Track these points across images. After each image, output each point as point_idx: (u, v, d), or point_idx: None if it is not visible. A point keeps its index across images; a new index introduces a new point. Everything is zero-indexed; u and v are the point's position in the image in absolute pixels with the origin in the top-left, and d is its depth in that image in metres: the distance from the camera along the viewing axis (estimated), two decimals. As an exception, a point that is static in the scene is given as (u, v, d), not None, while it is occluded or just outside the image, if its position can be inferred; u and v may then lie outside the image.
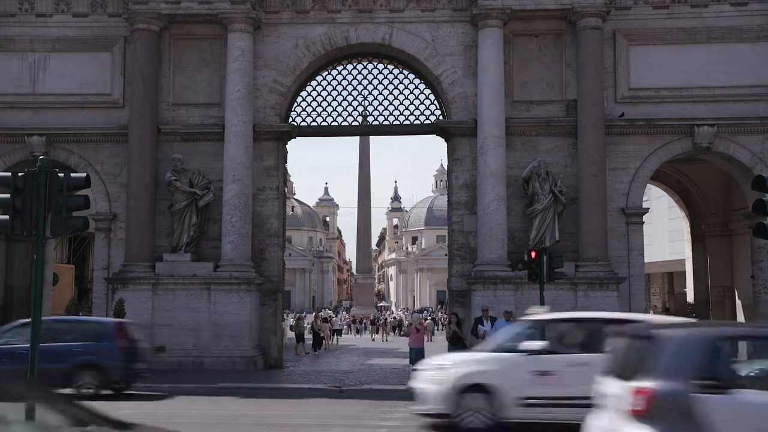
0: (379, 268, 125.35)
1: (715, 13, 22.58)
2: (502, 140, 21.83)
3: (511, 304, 20.20)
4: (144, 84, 22.18)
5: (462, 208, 22.69)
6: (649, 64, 22.44)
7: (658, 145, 22.43)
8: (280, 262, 23.42)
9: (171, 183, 21.95)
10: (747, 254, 23.91)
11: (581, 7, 21.85)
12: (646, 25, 22.69)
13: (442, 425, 12.03)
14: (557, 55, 22.68)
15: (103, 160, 22.96)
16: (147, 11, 22.27)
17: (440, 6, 22.90)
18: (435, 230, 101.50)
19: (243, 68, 22.28)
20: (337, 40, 23.14)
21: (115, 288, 21.50)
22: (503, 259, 21.43)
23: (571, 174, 22.05)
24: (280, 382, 20.02)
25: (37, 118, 22.98)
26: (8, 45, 23.16)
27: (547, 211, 21.45)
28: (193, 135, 22.78)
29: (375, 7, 22.99)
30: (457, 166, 22.90)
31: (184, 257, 21.79)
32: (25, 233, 10.53)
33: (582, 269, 21.14)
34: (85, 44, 23.15)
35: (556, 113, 22.51)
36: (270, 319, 22.72)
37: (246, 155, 22.15)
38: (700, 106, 22.40)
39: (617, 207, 22.22)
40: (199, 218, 22.15)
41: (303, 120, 24.31)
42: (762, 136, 22.22)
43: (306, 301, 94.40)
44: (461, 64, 22.81)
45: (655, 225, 32.42)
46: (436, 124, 23.73)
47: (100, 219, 22.64)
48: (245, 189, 22.05)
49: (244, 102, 22.20)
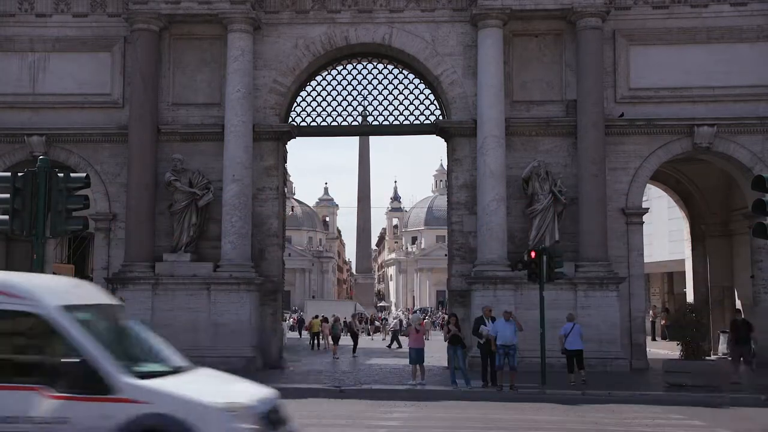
0: (379, 268, 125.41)
1: (715, 13, 22.58)
2: (501, 140, 21.83)
3: (510, 304, 20.21)
4: (144, 84, 22.18)
5: (462, 208, 22.69)
6: (649, 64, 22.44)
7: (658, 145, 22.43)
8: (280, 262, 23.42)
9: (171, 183, 21.95)
10: (747, 254, 23.90)
11: (581, 7, 21.85)
12: (646, 25, 22.69)
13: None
14: (557, 55, 22.68)
15: (102, 160, 22.96)
16: (147, 11, 22.27)
17: (440, 6, 22.90)
18: (435, 230, 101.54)
19: (243, 68, 22.27)
20: (336, 40, 23.14)
21: (114, 288, 21.48)
22: (503, 259, 21.42)
23: (571, 174, 22.05)
24: (279, 382, 19.98)
25: (37, 118, 22.98)
26: (8, 45, 23.17)
27: (547, 211, 21.45)
28: (193, 135, 22.78)
29: (375, 7, 22.99)
30: (457, 166, 22.89)
31: (184, 257, 21.79)
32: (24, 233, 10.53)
33: (582, 269, 21.14)
34: (85, 44, 23.16)
35: (556, 113, 22.51)
36: (270, 319, 22.72)
37: (246, 155, 22.15)
38: (700, 106, 22.40)
39: (617, 207, 22.22)
40: (199, 218, 22.15)
41: (303, 120, 24.32)
42: (762, 136, 22.22)
43: (306, 301, 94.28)
44: (461, 64, 22.81)
45: (654, 225, 32.40)
46: (435, 124, 23.74)
47: (99, 219, 22.64)
48: (245, 189, 22.05)
49: (244, 102, 22.20)
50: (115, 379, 7.10)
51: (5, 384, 7.20)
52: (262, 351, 22.01)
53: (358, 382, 19.42)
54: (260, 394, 7.77)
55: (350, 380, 20.08)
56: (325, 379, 20.42)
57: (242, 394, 7.58)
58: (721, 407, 15.55)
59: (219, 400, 7.20)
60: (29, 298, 7.49)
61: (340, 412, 14.61)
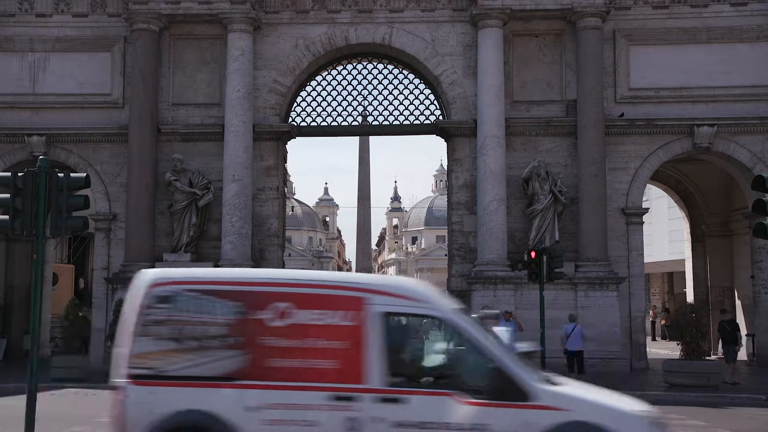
0: (379, 268, 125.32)
1: (715, 13, 22.58)
2: (502, 140, 21.83)
3: (510, 304, 20.22)
4: (144, 84, 22.18)
5: (462, 208, 22.69)
6: (649, 64, 22.44)
7: (658, 145, 22.42)
8: (280, 262, 23.42)
9: (171, 183, 21.95)
10: (747, 254, 23.90)
11: (581, 7, 21.85)
12: (646, 25, 22.69)
13: None
14: (557, 55, 22.68)
15: (102, 160, 22.96)
16: (147, 11, 22.26)
17: (440, 6, 22.90)
18: (435, 230, 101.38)
19: (243, 68, 22.27)
20: (336, 40, 23.14)
21: (114, 288, 21.48)
22: (503, 259, 21.42)
23: (571, 174, 22.05)
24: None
25: (37, 118, 22.97)
26: (8, 45, 23.16)
27: (547, 211, 21.45)
28: (193, 135, 22.77)
29: (375, 7, 22.99)
30: (457, 166, 22.89)
31: (184, 257, 21.79)
32: (25, 233, 10.51)
33: (582, 269, 21.14)
34: (85, 44, 23.15)
35: (556, 113, 22.51)
36: (270, 319, 22.68)
37: (246, 155, 22.14)
38: (700, 106, 22.40)
39: (617, 207, 22.21)
40: (199, 218, 22.15)
41: (303, 120, 24.32)
42: (762, 136, 22.22)
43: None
44: (461, 64, 22.81)
45: (655, 225, 32.40)
46: (435, 124, 23.73)
47: (99, 219, 22.64)
48: (245, 189, 22.04)
49: (244, 102, 22.20)
50: (531, 385, 6.92)
51: (419, 390, 7.09)
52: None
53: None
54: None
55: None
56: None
57: (636, 402, 7.30)
58: (721, 407, 15.55)
59: (635, 407, 6.98)
60: (428, 301, 7.41)
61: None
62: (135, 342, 7.38)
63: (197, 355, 7.33)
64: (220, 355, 7.30)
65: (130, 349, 7.37)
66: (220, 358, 7.29)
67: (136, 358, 7.35)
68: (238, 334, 7.31)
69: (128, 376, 7.31)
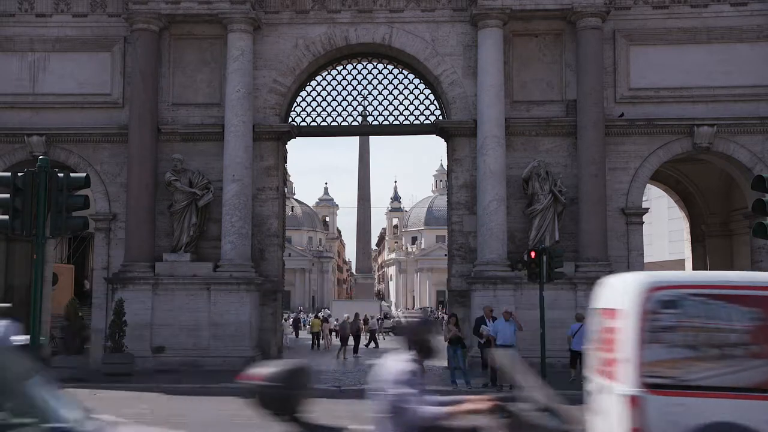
0: (378, 268, 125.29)
1: (715, 13, 22.58)
2: (502, 140, 21.84)
3: (511, 304, 20.21)
4: (144, 84, 22.18)
5: (462, 208, 22.69)
6: (649, 64, 22.44)
7: (658, 145, 22.43)
8: (280, 262, 23.42)
9: (171, 183, 21.95)
10: (747, 254, 23.90)
11: (581, 7, 21.86)
12: (646, 25, 22.69)
13: None
14: (557, 55, 22.69)
15: (102, 159, 22.96)
16: (147, 11, 22.26)
17: (440, 6, 22.90)
18: (435, 230, 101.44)
19: (243, 68, 22.27)
20: (336, 40, 23.14)
21: (114, 288, 21.49)
22: (503, 259, 21.42)
23: (571, 174, 22.05)
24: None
25: (37, 118, 22.97)
26: (8, 45, 23.15)
27: (547, 211, 21.45)
28: (192, 135, 22.78)
29: (375, 7, 22.99)
30: (457, 166, 22.90)
31: (184, 257, 21.79)
32: (25, 233, 10.52)
33: (582, 269, 21.13)
34: (85, 44, 23.15)
35: (556, 113, 22.51)
36: (270, 319, 22.72)
37: (246, 155, 22.15)
38: (700, 106, 22.40)
39: (617, 207, 22.22)
40: (199, 218, 22.15)
41: (303, 120, 24.32)
42: (762, 136, 22.22)
43: (306, 301, 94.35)
44: (461, 64, 22.81)
45: (654, 225, 32.42)
46: (435, 124, 23.74)
47: (99, 219, 22.63)
48: (245, 189, 22.04)
49: (244, 102, 22.20)
50: None
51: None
52: (261, 351, 22.00)
53: (358, 382, 19.41)
54: None
55: (350, 380, 20.07)
56: (325, 378, 20.41)
57: None
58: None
59: None
60: None
61: (339, 412, 14.58)
62: (645, 349, 7.02)
63: (719, 364, 7.04)
64: (745, 365, 7.02)
65: (640, 356, 7.01)
66: (745, 368, 7.01)
67: (649, 366, 7.01)
68: (762, 341, 7.04)
69: (644, 385, 6.98)
